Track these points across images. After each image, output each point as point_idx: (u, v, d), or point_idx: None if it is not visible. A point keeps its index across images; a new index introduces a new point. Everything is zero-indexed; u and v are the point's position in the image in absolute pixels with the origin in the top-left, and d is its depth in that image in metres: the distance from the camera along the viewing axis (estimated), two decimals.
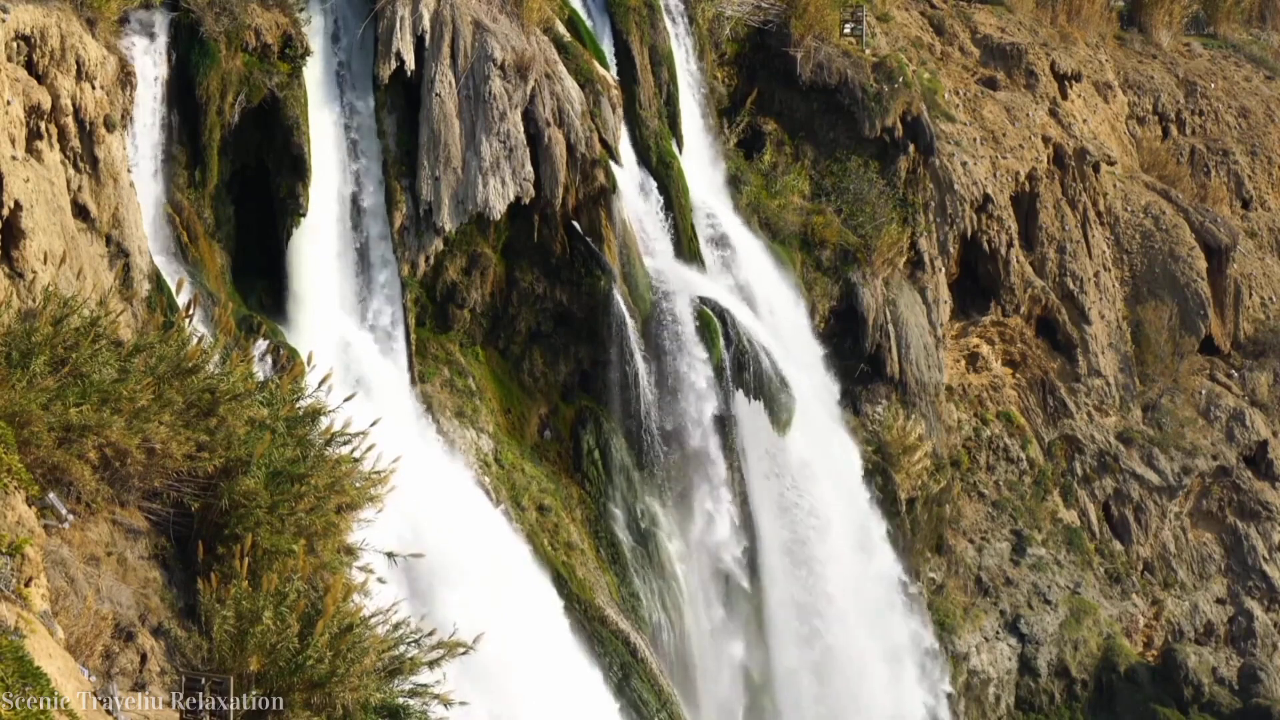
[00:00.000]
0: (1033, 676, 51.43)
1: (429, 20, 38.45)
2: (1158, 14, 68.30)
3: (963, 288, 53.91)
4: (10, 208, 27.29)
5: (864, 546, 45.87)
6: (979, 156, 53.79)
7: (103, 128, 30.93)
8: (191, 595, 18.44)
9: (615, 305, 40.42)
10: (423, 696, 18.77)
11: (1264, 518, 57.28)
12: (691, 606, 41.50)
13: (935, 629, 49.10)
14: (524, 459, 40.17)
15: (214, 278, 35.09)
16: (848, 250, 48.53)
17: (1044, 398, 55.79)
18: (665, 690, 38.85)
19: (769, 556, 43.32)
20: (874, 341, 48.36)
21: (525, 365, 41.07)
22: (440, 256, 39.29)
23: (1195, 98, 66.79)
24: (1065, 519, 54.64)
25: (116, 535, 18.38)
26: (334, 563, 19.49)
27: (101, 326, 19.09)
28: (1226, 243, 60.13)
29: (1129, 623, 53.89)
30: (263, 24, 35.91)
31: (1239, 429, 58.28)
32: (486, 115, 38.68)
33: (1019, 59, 59.51)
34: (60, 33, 29.82)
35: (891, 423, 48.40)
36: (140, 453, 18.25)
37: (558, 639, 36.70)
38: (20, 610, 14.64)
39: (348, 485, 19.84)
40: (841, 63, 49.83)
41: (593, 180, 40.38)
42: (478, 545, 35.22)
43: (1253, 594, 56.50)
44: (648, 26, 44.85)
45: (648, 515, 41.11)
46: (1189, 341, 58.79)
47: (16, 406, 17.22)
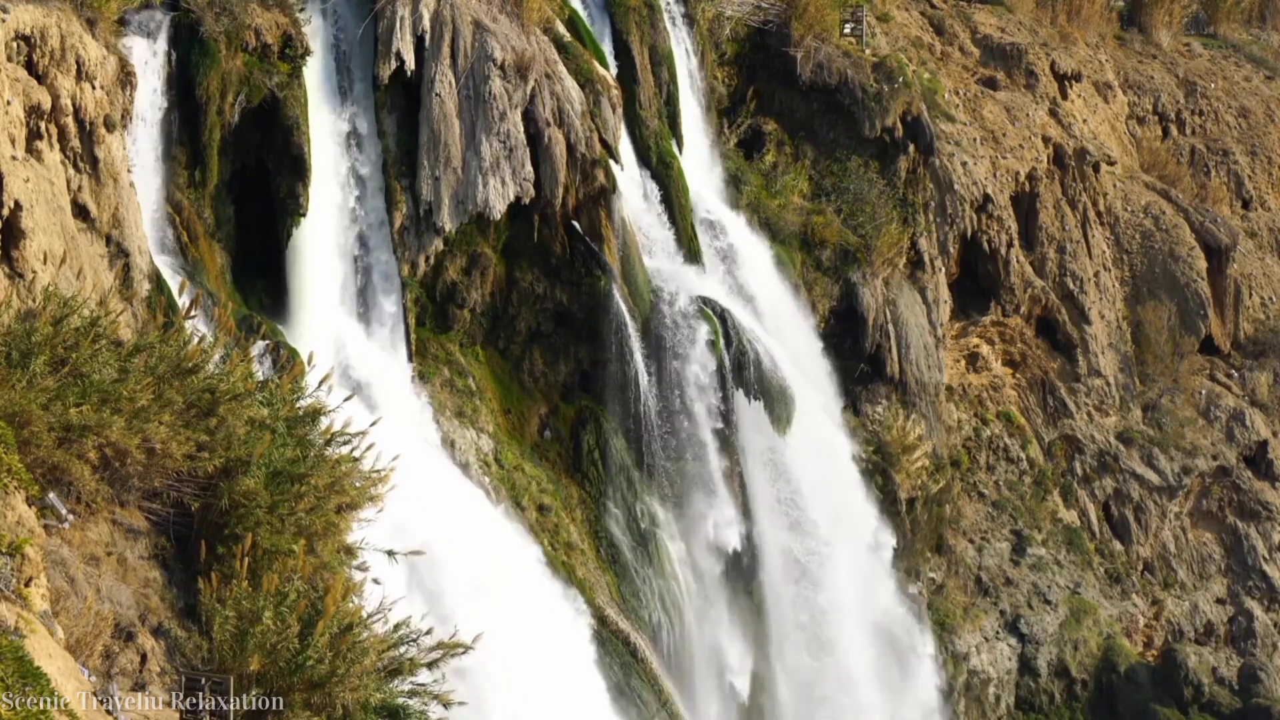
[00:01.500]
0: (1033, 676, 51.43)
1: (429, 20, 38.45)
2: (1158, 14, 68.30)
3: (963, 288, 53.91)
4: (10, 208, 27.29)
5: (864, 546, 45.86)
6: (979, 156, 53.79)
7: (103, 128, 30.93)
8: (191, 595, 18.44)
9: (615, 305, 40.42)
10: (422, 696, 18.77)
11: (1264, 518, 57.28)
12: (691, 606, 41.50)
13: (935, 629, 49.11)
14: (524, 459, 40.18)
15: (214, 278, 35.10)
16: (848, 250, 48.53)
17: (1044, 398, 55.79)
18: (665, 690, 38.86)
19: (768, 556, 43.33)
20: (874, 341, 48.36)
21: (525, 365, 41.07)
22: (440, 256, 39.30)
23: (1195, 98, 66.79)
24: (1065, 519, 54.64)
25: (116, 535, 18.37)
26: (334, 563, 19.49)
27: (101, 326, 19.08)
28: (1226, 243, 60.13)
29: (1129, 623, 53.89)
30: (263, 24, 35.91)
31: (1239, 429, 58.28)
32: (486, 115, 38.68)
33: (1019, 59, 59.50)
34: (60, 33, 29.82)
35: (891, 423, 48.40)
36: (140, 453, 18.25)
37: (572, 640, 36.77)
38: (20, 610, 14.64)
39: (347, 485, 19.84)
40: (841, 63, 49.83)
41: (593, 180, 40.38)
42: (477, 545, 35.22)
43: (1253, 594, 56.49)
44: (648, 26, 44.86)
45: (648, 515, 41.12)
46: (1189, 341, 58.79)
47: (16, 406, 17.21)
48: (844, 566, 44.59)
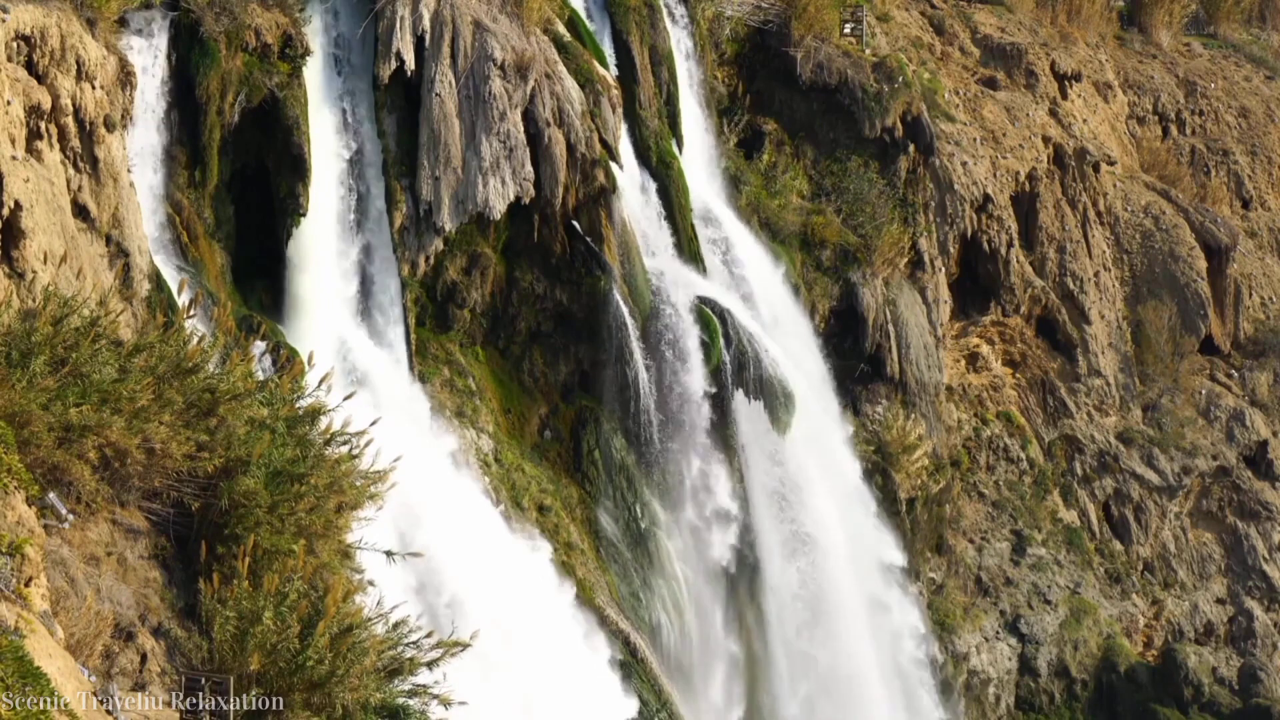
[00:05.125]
0: (1033, 676, 51.43)
1: (429, 20, 38.45)
2: (1158, 14, 68.29)
3: (963, 288, 53.91)
4: (10, 208, 27.28)
5: (864, 546, 45.87)
6: (979, 156, 53.79)
7: (103, 128, 30.92)
8: (192, 595, 18.43)
9: (615, 305, 40.42)
10: (422, 696, 18.75)
11: (1264, 518, 57.28)
12: (691, 606, 41.51)
13: (935, 629, 49.11)
14: (524, 459, 40.18)
15: (214, 278, 35.10)
16: (848, 250, 48.53)
17: (1044, 398, 55.79)
18: (665, 690, 38.86)
19: (769, 556, 43.33)
20: (874, 341, 48.37)
21: (525, 365, 41.08)
22: (440, 256, 39.30)
23: (1195, 98, 66.79)
24: (1065, 519, 54.64)
25: (116, 535, 18.37)
26: (334, 563, 19.47)
27: (101, 326, 19.07)
28: (1226, 243, 60.13)
29: (1129, 623, 53.89)
30: (263, 24, 35.92)
31: (1239, 429, 58.28)
32: (486, 115, 38.68)
33: (1019, 59, 59.51)
34: (60, 33, 29.81)
35: (891, 423, 48.40)
36: (140, 453, 18.24)
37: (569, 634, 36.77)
38: (20, 610, 14.63)
39: (347, 485, 19.83)
40: (841, 63, 49.84)
41: (593, 180, 40.38)
42: (477, 544, 35.22)
43: (1253, 594, 56.49)
44: (648, 26, 44.85)
45: (648, 515, 41.12)
46: (1189, 341, 58.79)
47: (16, 406, 17.20)
48: (844, 566, 44.58)
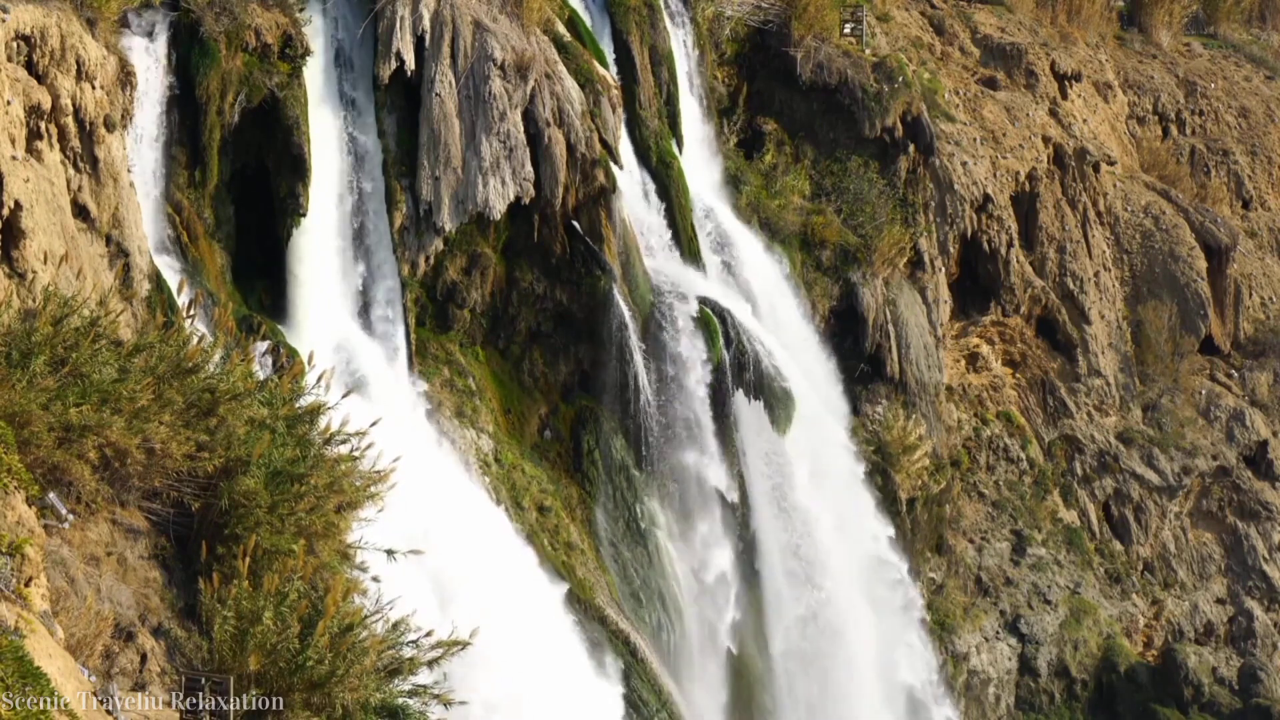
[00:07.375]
0: (1033, 676, 51.44)
1: (429, 20, 38.45)
2: (1158, 14, 68.30)
3: (963, 288, 53.91)
4: (10, 208, 27.28)
5: (864, 546, 45.88)
6: (979, 156, 53.79)
7: (103, 128, 30.92)
8: (191, 595, 18.44)
9: (615, 305, 40.42)
10: (422, 696, 18.76)
11: (1264, 518, 57.27)
12: (691, 606, 41.50)
13: (935, 629, 49.11)
14: (524, 459, 40.18)
15: (214, 278, 35.10)
16: (848, 250, 48.53)
17: (1044, 398, 55.79)
18: (665, 690, 38.85)
19: (768, 556, 43.34)
20: (874, 341, 48.37)
21: (525, 365, 41.07)
22: (440, 256, 39.30)
23: (1195, 98, 66.79)
24: (1065, 519, 54.64)
25: (116, 535, 18.37)
26: (334, 563, 19.48)
27: (101, 326, 19.08)
28: (1226, 243, 60.13)
29: (1129, 623, 53.89)
30: (263, 24, 35.91)
31: (1239, 429, 58.28)
32: (486, 115, 38.68)
33: (1019, 59, 59.51)
34: (60, 33, 29.81)
35: (891, 423, 48.40)
36: (140, 453, 18.25)
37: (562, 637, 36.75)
38: (20, 610, 14.64)
39: (347, 485, 19.84)
40: (841, 63, 49.83)
41: (593, 180, 40.38)
42: (477, 545, 35.22)
43: (1253, 594, 56.49)
44: (648, 26, 44.86)
45: (648, 515, 41.11)
46: (1189, 341, 58.79)
47: (16, 406, 17.21)
48: (844, 566, 44.60)
